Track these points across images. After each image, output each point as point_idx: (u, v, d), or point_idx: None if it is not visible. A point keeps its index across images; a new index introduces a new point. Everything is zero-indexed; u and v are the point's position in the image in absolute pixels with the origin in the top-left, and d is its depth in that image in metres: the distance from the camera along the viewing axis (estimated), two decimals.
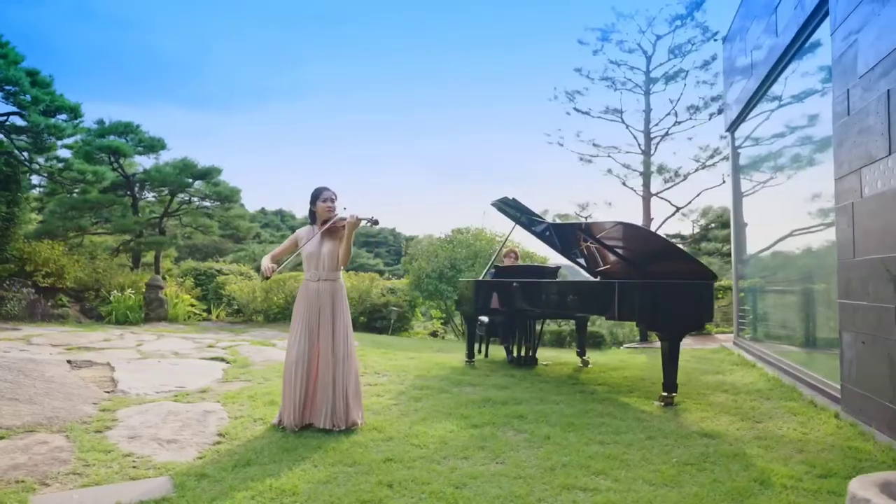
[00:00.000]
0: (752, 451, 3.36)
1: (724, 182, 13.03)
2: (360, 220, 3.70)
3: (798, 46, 5.52)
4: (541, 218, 6.24)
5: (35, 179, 10.54)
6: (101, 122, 12.24)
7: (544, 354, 7.87)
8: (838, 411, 4.15)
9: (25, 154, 9.81)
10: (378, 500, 2.61)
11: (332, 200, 3.90)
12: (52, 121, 8.92)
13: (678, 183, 13.59)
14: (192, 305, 10.85)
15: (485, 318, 7.20)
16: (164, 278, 11.09)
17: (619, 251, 5.76)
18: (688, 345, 9.66)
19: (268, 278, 3.74)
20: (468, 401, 4.61)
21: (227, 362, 6.14)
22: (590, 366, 6.66)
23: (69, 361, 5.48)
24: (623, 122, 14.45)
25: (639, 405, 4.58)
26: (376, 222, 3.69)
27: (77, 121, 9.73)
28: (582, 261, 6.85)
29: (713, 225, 14.41)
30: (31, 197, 10.77)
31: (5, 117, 9.41)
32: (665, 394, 4.58)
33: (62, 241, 11.37)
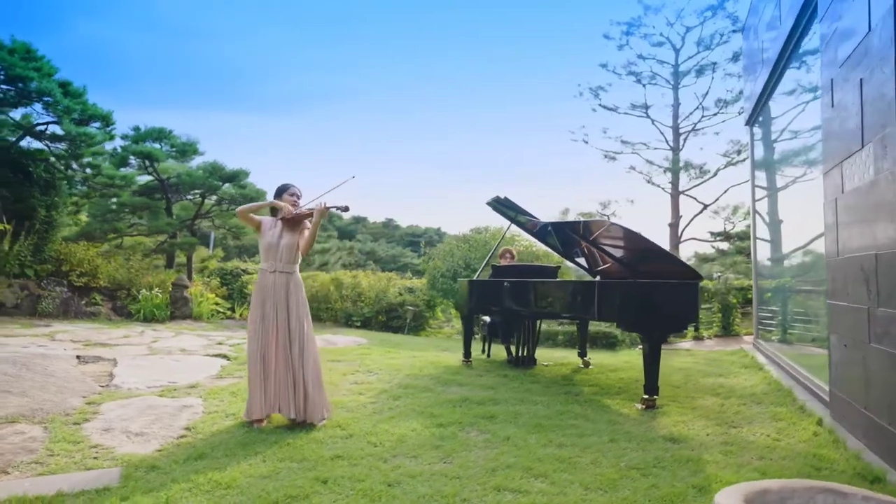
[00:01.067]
0: (711, 457, 3.25)
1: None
2: (328, 207, 3.75)
3: (798, 36, 5.28)
4: (535, 217, 6.17)
5: (72, 184, 11.10)
6: (137, 128, 12.80)
7: (551, 355, 7.79)
8: (822, 417, 3.96)
9: (63, 161, 10.39)
10: (306, 495, 2.66)
11: (298, 196, 3.99)
12: (84, 129, 9.42)
13: (706, 179, 13.16)
14: (217, 304, 11.23)
15: (487, 318, 7.19)
16: (190, 278, 11.53)
17: (613, 252, 5.65)
18: (710, 346, 9.36)
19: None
20: (446, 400, 4.62)
21: (228, 359, 6.33)
22: (590, 367, 6.55)
23: (78, 357, 5.78)
24: (649, 117, 14.10)
25: (619, 408, 4.48)
26: (346, 209, 3.75)
27: (109, 128, 10.26)
28: (582, 261, 6.75)
29: (743, 223, 13.88)
30: (69, 201, 11.39)
31: (45, 126, 9.98)
32: (646, 396, 4.47)
33: (101, 243, 11.99)
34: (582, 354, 6.75)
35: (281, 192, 4.02)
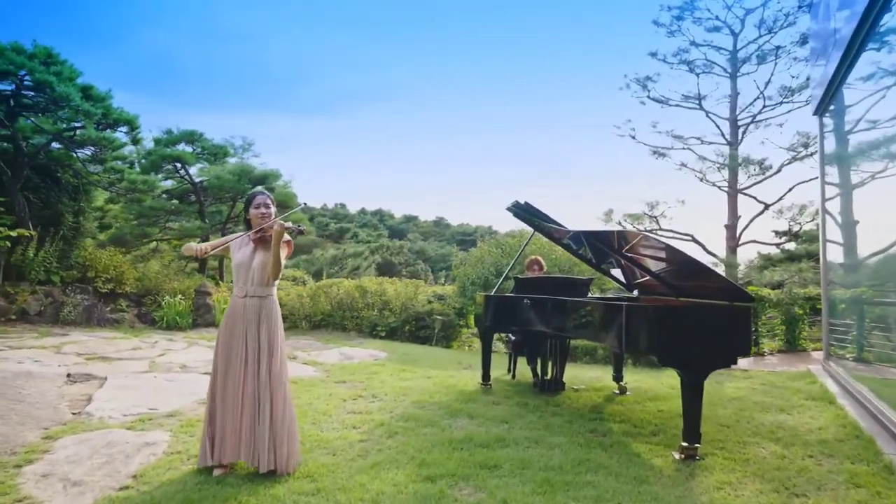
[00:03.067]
0: None
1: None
2: (284, 228, 3.20)
3: (877, 12, 4.34)
4: (562, 225, 5.44)
5: (96, 190, 11.09)
6: (169, 131, 12.76)
7: (584, 375, 7.01)
8: None
9: (89, 166, 10.35)
10: None
11: (267, 206, 3.44)
12: (104, 133, 9.30)
13: (768, 176, 11.92)
14: None
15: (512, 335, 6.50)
16: (217, 283, 11.32)
17: (650, 266, 4.87)
18: (771, 365, 8.31)
19: (196, 259, 3.37)
20: (447, 440, 3.97)
21: None
22: (627, 394, 5.76)
23: (69, 375, 5.47)
24: (703, 109, 12.95)
25: (652, 456, 3.72)
26: (301, 232, 3.19)
27: (135, 132, 10.15)
28: (618, 273, 5.97)
29: (811, 224, 12.53)
30: (94, 207, 11.40)
31: (73, 132, 9.92)
32: (685, 444, 3.69)
33: (134, 248, 11.96)
34: (617, 378, 5.96)
35: (246, 205, 3.50)
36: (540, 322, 5.09)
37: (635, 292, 5.86)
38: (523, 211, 5.55)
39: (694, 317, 3.69)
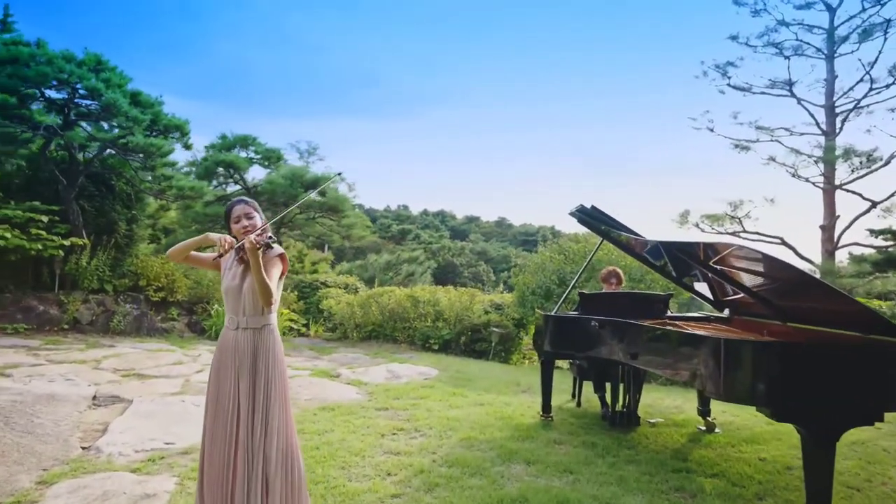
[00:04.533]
0: None
1: None
2: (256, 244, 2.54)
3: None
4: (635, 233, 4.60)
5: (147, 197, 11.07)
6: (223, 136, 12.67)
7: (661, 403, 6.11)
8: None
9: (140, 173, 10.30)
10: None
11: (250, 217, 2.81)
12: (152, 140, 9.15)
13: (874, 169, 10.42)
14: (292, 320, 10.62)
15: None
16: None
17: (744, 281, 3.97)
18: None
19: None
20: (497, 500, 3.26)
21: None
22: (716, 431, 4.85)
23: (94, 398, 5.13)
24: (794, 96, 11.55)
25: None
26: (269, 246, 2.54)
27: (185, 138, 10.01)
28: (703, 288, 5.05)
29: None
30: (147, 214, 11.40)
31: (125, 139, 9.86)
32: None
33: None
34: (703, 413, 5.05)
35: (226, 219, 2.89)
36: (611, 350, 4.28)
37: (726, 312, 4.93)
38: (589, 217, 4.74)
39: (825, 357, 2.80)
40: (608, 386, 5.24)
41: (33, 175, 9.56)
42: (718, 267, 4.32)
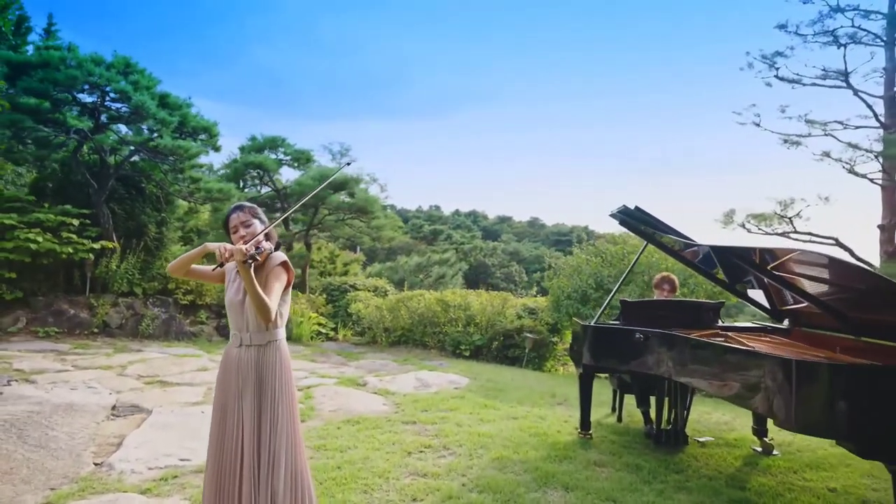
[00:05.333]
0: None
1: None
2: (246, 258, 2.25)
3: None
4: (684, 236, 4.19)
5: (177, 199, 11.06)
6: (253, 138, 12.61)
7: (709, 419, 5.67)
8: None
9: (170, 176, 10.27)
10: None
11: (247, 225, 2.54)
12: (179, 141, 9.09)
13: None
14: (320, 325, 10.44)
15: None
16: (304, 293, 10.90)
17: (806, 288, 3.54)
18: None
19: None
20: None
21: None
22: (774, 454, 4.40)
23: (114, 408, 4.98)
24: (850, 86, 10.82)
25: None
26: (254, 258, 2.25)
27: (213, 139, 9.94)
28: (759, 295, 4.61)
29: None
30: (177, 217, 11.39)
31: (153, 142, 9.83)
32: None
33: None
34: (759, 432, 4.60)
35: (225, 229, 2.64)
36: (658, 365, 3.89)
37: (785, 322, 4.47)
38: (632, 218, 4.36)
39: None
40: (652, 400, 4.84)
41: (66, 179, 9.61)
42: (778, 273, 3.89)
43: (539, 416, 5.39)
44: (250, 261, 2.23)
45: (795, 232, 10.78)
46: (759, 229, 10.93)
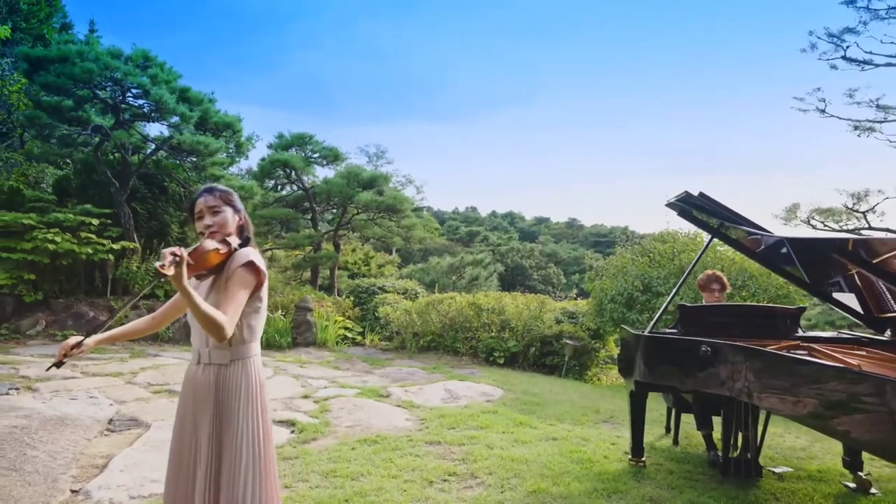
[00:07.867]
0: None
1: None
2: (159, 269, 1.67)
3: None
4: (758, 228, 3.47)
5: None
6: (280, 135, 12.27)
7: (782, 443, 4.89)
8: None
9: (192, 174, 9.96)
10: None
11: (215, 213, 2.02)
12: (200, 137, 8.74)
13: None
14: (347, 328, 9.94)
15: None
16: (323, 297, 10.44)
17: None
18: None
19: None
20: None
21: (295, 428, 4.66)
22: (872, 493, 3.63)
23: (110, 422, 4.55)
24: None
25: None
26: (161, 273, 1.66)
27: (236, 135, 9.60)
28: (850, 299, 3.84)
29: None
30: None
31: (177, 140, 9.54)
32: None
33: None
34: (852, 465, 3.82)
35: (189, 216, 2.12)
36: (732, 384, 3.18)
37: (887, 333, 3.69)
38: (695, 207, 3.66)
39: None
40: (716, 421, 4.12)
41: (88, 178, 9.40)
42: (881, 270, 3.15)
43: (582, 438, 4.72)
44: (159, 277, 1.65)
45: (869, 228, 9.73)
46: (825, 226, 9.92)
